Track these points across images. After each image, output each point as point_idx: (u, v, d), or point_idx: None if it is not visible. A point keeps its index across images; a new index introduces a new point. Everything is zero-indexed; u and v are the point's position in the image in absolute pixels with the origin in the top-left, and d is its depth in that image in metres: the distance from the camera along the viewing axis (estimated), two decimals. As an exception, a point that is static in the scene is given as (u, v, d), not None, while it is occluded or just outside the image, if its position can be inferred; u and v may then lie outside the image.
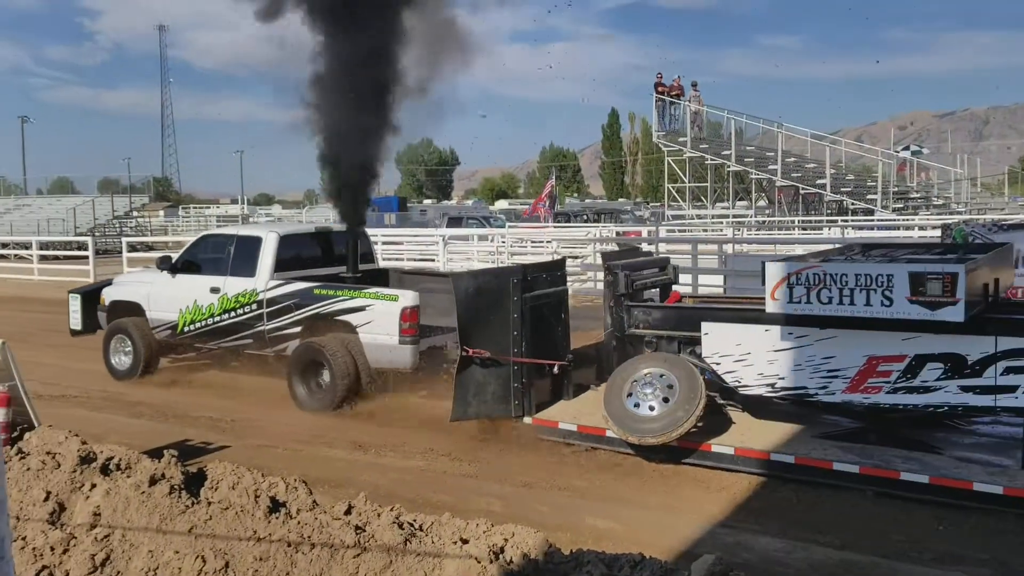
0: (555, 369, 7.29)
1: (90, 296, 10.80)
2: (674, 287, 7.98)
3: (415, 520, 4.12)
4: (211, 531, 4.06)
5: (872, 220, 24.56)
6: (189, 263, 9.93)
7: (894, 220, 23.70)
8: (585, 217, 37.10)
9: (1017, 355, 5.47)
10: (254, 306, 9.19)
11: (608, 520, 5.45)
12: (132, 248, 24.90)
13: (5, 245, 31.67)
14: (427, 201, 74.36)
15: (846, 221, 23.97)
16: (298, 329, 8.91)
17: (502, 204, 66.97)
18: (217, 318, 9.47)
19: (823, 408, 6.47)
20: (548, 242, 20.80)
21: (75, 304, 10.83)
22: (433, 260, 20.65)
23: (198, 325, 9.64)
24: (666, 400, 6.36)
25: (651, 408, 6.39)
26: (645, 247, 17.99)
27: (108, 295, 10.54)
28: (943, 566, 4.69)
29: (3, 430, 5.65)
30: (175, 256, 10.21)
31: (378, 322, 8.39)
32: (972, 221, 14.54)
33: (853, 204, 27.17)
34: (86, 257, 23.96)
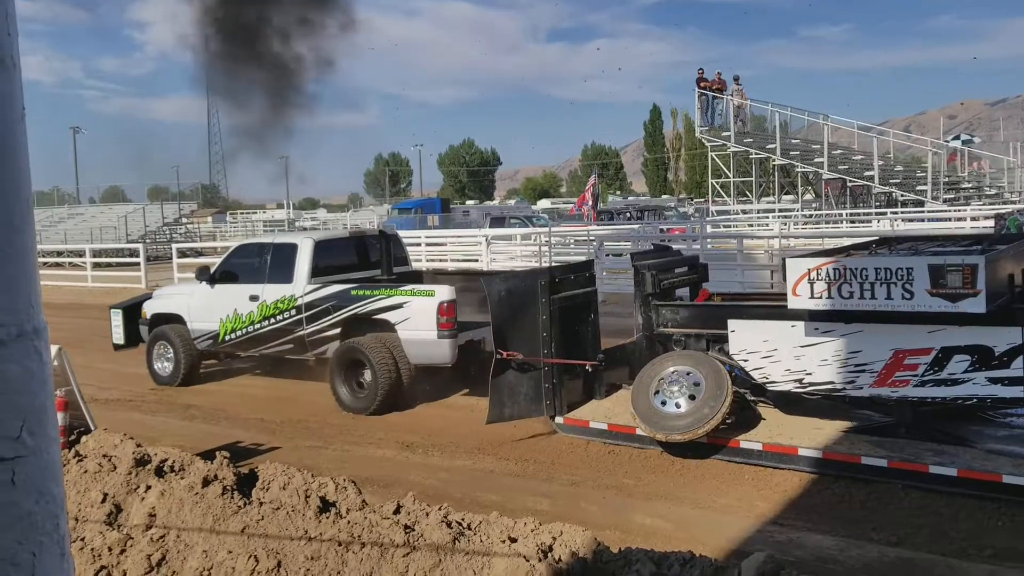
0: (587, 368, 7.30)
1: (131, 311, 11.00)
2: (704, 285, 7.92)
3: (463, 519, 4.13)
4: (263, 531, 4.11)
5: (922, 212, 24.07)
6: (227, 273, 10.06)
7: (945, 211, 23.19)
8: (628, 215, 36.92)
9: None
10: (293, 311, 9.30)
11: (657, 518, 5.42)
12: (182, 254, 25.33)
13: (60, 253, 32.48)
14: (470, 202, 74.67)
15: (895, 213, 23.53)
16: (337, 331, 9.00)
17: (545, 203, 66.92)
18: (257, 325, 9.60)
19: (852, 403, 6.41)
20: (591, 240, 20.72)
21: (117, 319, 11.01)
22: (476, 260, 20.69)
23: (239, 333, 9.78)
24: (692, 397, 6.39)
25: (678, 405, 6.42)
26: (692, 244, 17.87)
27: (149, 308, 10.72)
28: (1004, 563, 4.57)
29: (61, 434, 5.79)
30: (213, 267, 10.37)
31: (416, 318, 8.46)
32: (1027, 210, 14.18)
33: (903, 196, 26.69)
34: (138, 264, 24.45)
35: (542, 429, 7.43)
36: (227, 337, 9.88)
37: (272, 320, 9.47)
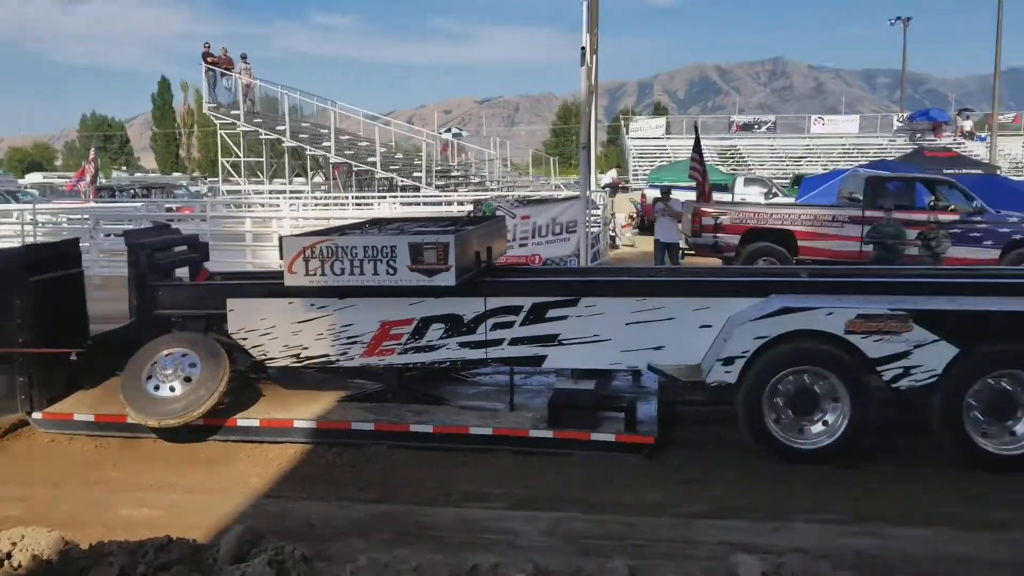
0: (72, 356, 6.75)
1: None
2: (205, 264, 7.80)
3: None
4: None
5: (419, 196, 26.16)
6: None
7: (438, 196, 25.47)
8: (133, 192, 34.51)
9: (501, 312, 6.34)
10: None
11: (146, 509, 5.19)
12: None
13: None
14: (-65, 173, 63.49)
15: (395, 197, 25.25)
16: None
17: (36, 177, 59.44)
18: None
19: (346, 373, 6.87)
20: (86, 219, 18.96)
21: None
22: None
23: None
24: (188, 380, 6.32)
25: (172, 389, 6.31)
26: (201, 224, 17.31)
27: None
28: (467, 504, 5.22)
29: None
30: None
31: None
32: (501, 197, 16.19)
33: (403, 181, 28.67)
34: None
35: (18, 427, 6.68)
36: None
37: None
